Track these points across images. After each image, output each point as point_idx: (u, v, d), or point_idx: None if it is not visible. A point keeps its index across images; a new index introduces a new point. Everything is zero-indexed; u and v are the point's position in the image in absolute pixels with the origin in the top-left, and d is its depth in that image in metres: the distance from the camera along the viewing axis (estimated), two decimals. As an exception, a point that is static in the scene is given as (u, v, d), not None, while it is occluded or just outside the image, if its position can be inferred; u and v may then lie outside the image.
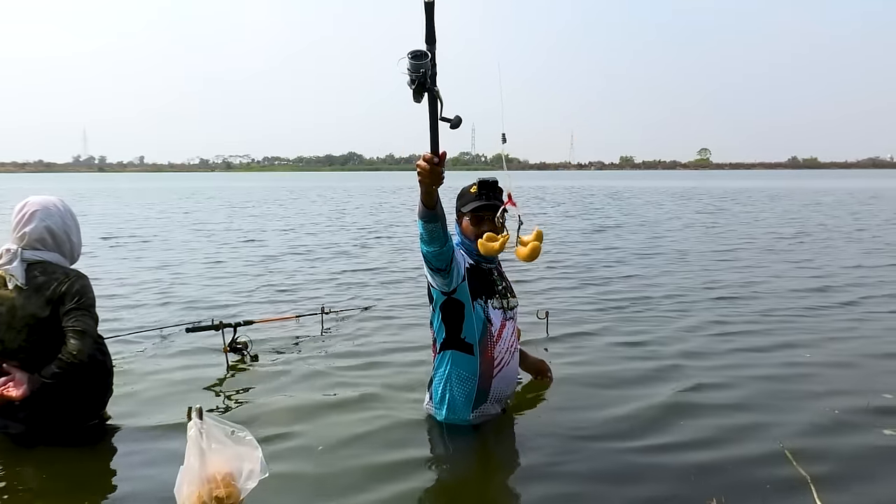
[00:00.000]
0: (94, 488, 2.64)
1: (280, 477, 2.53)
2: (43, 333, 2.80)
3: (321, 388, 3.75)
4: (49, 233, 2.87)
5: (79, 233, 3.02)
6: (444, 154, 2.37)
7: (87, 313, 2.83)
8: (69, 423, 2.95)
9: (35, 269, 2.83)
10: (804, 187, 38.07)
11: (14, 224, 2.87)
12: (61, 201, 2.98)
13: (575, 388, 3.72)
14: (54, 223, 2.89)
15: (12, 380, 2.77)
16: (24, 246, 2.84)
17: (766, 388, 3.70)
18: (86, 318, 2.82)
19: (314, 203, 25.62)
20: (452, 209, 2.91)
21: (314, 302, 5.96)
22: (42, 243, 2.86)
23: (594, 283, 7.27)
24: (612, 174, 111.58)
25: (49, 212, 2.89)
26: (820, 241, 11.17)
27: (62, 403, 2.88)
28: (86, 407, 3.01)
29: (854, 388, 3.67)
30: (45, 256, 2.86)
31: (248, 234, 13.22)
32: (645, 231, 13.10)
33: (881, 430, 3.09)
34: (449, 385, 2.94)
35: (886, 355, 4.32)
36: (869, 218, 15.97)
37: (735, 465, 2.77)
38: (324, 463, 2.81)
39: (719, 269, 8.11)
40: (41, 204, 2.89)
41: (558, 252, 9.83)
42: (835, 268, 8.14)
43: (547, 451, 2.92)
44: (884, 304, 5.95)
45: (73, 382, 2.83)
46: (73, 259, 3.00)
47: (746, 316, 5.48)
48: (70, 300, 2.80)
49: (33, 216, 2.85)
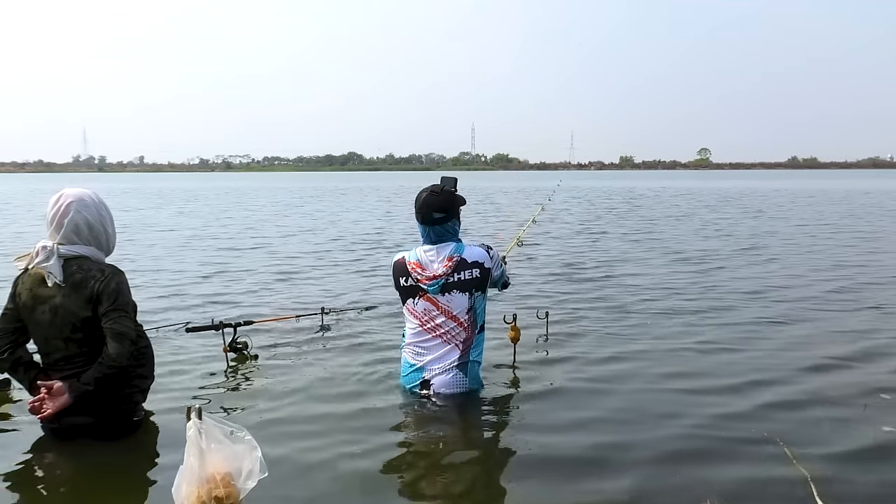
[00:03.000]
0: (91, 488, 2.64)
1: (280, 476, 2.53)
2: (87, 332, 2.80)
3: (321, 387, 3.75)
4: (86, 224, 2.85)
5: (113, 224, 3.02)
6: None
7: (124, 314, 2.83)
8: (119, 416, 2.96)
9: (72, 265, 2.81)
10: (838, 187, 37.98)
11: (50, 217, 2.85)
12: (95, 193, 2.97)
13: (574, 388, 3.73)
14: (90, 214, 2.87)
15: (50, 390, 2.75)
16: (60, 240, 2.83)
17: (766, 387, 3.70)
18: (123, 320, 2.81)
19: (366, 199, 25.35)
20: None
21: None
22: (78, 235, 2.84)
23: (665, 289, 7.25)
24: (614, 174, 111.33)
25: (84, 203, 2.88)
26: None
27: (111, 397, 2.89)
28: (132, 399, 3.02)
29: (854, 387, 3.67)
30: (82, 251, 2.84)
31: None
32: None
33: (881, 428, 3.10)
34: (481, 356, 3.49)
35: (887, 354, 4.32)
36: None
37: (734, 465, 2.76)
38: (324, 462, 2.80)
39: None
40: (76, 196, 2.87)
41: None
42: (804, 268, 8.13)
43: (546, 449, 2.92)
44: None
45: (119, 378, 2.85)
46: (109, 251, 2.99)
47: (749, 317, 5.49)
48: (107, 300, 2.79)
49: (69, 207, 2.83)
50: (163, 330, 4.89)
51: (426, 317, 3.35)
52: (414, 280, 3.34)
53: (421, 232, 3.42)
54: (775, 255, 9.35)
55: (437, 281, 3.30)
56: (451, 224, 3.36)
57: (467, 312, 3.33)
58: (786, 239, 11.52)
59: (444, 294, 3.31)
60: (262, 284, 7.32)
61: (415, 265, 3.35)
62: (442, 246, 3.35)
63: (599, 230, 13.51)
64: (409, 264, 3.37)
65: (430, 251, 3.35)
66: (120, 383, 2.89)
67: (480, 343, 3.43)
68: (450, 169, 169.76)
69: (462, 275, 3.30)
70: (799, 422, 3.21)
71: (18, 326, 2.88)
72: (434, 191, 3.34)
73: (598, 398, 3.57)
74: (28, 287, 2.84)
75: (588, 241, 11.59)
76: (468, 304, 3.33)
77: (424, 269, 3.34)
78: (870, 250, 9.91)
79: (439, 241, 3.36)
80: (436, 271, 3.31)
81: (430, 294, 3.32)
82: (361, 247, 11.00)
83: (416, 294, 3.35)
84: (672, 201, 24.89)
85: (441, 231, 3.35)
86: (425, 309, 3.35)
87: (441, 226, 3.34)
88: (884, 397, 3.52)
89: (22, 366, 2.90)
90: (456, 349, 3.34)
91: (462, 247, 3.35)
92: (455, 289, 3.30)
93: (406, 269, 3.37)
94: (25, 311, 2.84)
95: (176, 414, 3.25)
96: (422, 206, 3.33)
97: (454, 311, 3.32)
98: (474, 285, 3.32)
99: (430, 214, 3.31)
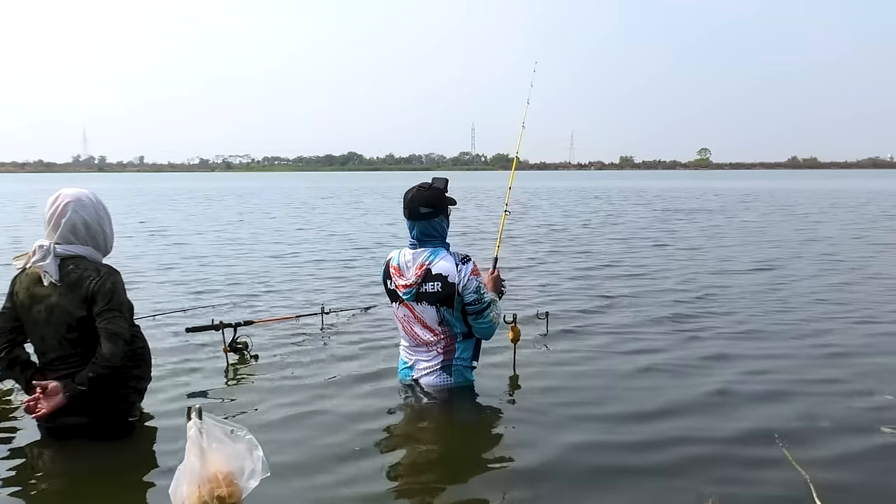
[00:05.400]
0: (89, 488, 2.65)
1: (280, 476, 2.53)
2: (81, 332, 2.80)
3: (321, 387, 3.75)
4: (83, 224, 2.85)
5: (111, 224, 3.01)
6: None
7: (119, 314, 2.82)
8: (114, 416, 2.95)
9: (69, 265, 2.81)
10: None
11: (48, 217, 2.85)
12: (93, 193, 2.96)
13: (575, 387, 3.73)
14: (88, 214, 2.87)
15: (45, 390, 2.75)
16: (57, 239, 2.83)
17: (765, 387, 3.71)
18: (118, 320, 2.81)
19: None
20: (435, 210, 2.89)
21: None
22: (75, 235, 2.84)
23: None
24: (620, 175, 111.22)
25: (82, 203, 2.87)
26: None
27: (107, 396, 2.88)
28: (128, 399, 3.00)
29: (854, 387, 3.68)
30: (78, 251, 2.84)
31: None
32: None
33: (881, 430, 3.10)
34: (469, 359, 3.39)
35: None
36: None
37: (734, 465, 2.77)
38: (324, 462, 2.81)
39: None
40: (74, 196, 2.87)
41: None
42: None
43: (547, 448, 2.92)
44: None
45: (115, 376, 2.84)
46: (107, 251, 2.99)
47: (758, 315, 5.48)
48: (102, 300, 2.78)
49: (66, 207, 2.83)
50: (162, 329, 4.89)
51: (406, 322, 3.33)
52: (394, 285, 3.30)
53: (409, 229, 3.31)
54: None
55: (409, 290, 3.23)
56: (437, 221, 3.25)
57: (439, 324, 3.26)
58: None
59: (418, 303, 3.24)
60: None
61: (395, 269, 3.30)
62: (419, 251, 3.24)
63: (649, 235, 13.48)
64: (391, 267, 3.32)
65: (409, 255, 3.27)
66: (115, 384, 2.88)
67: (468, 347, 3.35)
68: (449, 169, 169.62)
69: (427, 287, 3.19)
70: (799, 422, 3.21)
71: (16, 326, 2.88)
72: (423, 186, 3.27)
73: (598, 398, 3.57)
74: (25, 286, 2.84)
75: (615, 244, 11.57)
76: (437, 317, 3.24)
77: (402, 274, 3.27)
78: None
79: (423, 238, 3.25)
80: (409, 279, 3.23)
81: (406, 301, 3.27)
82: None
83: (397, 299, 3.31)
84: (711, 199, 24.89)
85: (426, 227, 3.23)
86: (405, 315, 3.31)
87: (427, 221, 3.22)
88: (887, 398, 3.53)
89: (19, 365, 2.89)
90: (438, 354, 3.31)
91: (437, 254, 3.22)
92: (424, 300, 3.22)
93: (389, 273, 3.33)
94: (22, 310, 2.84)
95: (176, 413, 3.25)
96: (409, 200, 3.25)
97: (427, 322, 3.26)
98: (438, 299, 3.19)
99: (416, 209, 3.21)
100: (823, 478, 2.60)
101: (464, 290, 3.16)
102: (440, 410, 3.28)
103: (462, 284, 3.16)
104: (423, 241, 3.26)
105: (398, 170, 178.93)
